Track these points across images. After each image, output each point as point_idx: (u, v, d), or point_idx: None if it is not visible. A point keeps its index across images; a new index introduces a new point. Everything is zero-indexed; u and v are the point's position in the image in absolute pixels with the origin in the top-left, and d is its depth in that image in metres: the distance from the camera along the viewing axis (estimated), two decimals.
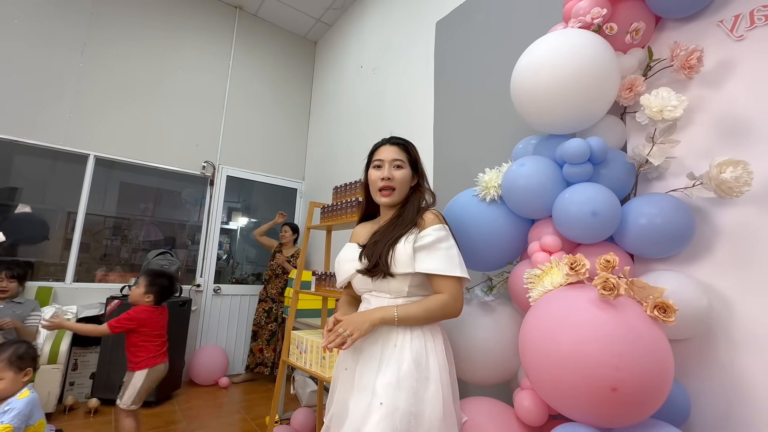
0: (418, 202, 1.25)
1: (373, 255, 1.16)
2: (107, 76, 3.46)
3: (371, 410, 1.02)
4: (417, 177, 1.30)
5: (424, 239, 1.14)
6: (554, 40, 1.27)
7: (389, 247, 1.14)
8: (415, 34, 2.95)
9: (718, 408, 1.10)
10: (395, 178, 1.23)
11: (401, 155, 1.26)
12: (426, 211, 1.22)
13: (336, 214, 2.13)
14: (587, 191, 1.17)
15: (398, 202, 1.26)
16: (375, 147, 1.31)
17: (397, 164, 1.24)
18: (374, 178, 1.25)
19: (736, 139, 1.17)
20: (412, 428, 1.00)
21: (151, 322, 2.06)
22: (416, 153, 1.31)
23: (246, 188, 4.58)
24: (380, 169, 1.25)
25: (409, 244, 1.13)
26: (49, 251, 3.34)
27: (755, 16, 1.17)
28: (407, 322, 1.11)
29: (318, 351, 1.88)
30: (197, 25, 3.99)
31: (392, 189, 1.23)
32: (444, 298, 1.13)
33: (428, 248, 1.13)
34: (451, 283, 1.14)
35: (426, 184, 1.31)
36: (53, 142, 3.18)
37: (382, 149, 1.28)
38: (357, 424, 1.02)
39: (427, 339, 1.12)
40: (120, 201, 3.77)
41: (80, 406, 2.77)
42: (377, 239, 1.19)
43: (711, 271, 1.16)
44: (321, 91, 4.45)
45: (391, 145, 1.27)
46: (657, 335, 0.91)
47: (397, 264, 1.12)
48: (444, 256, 1.13)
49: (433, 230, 1.15)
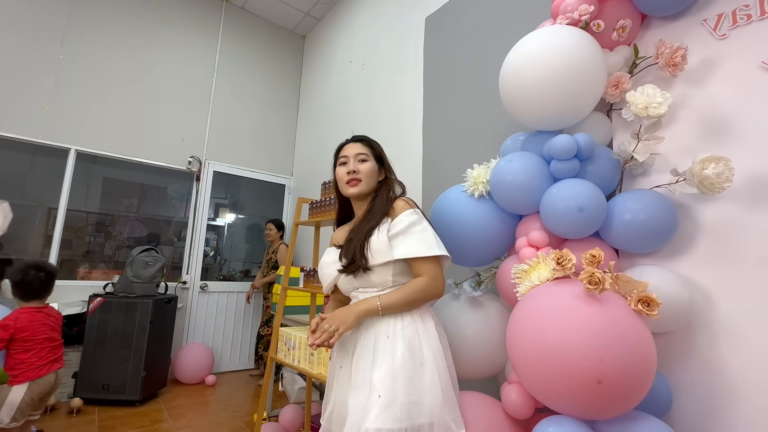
0: (387, 193, 1.26)
1: (348, 252, 1.16)
2: (89, 68, 3.36)
3: (370, 404, 1.01)
4: (384, 171, 1.32)
5: (397, 226, 1.15)
6: (542, 37, 1.27)
7: (364, 240, 1.15)
8: (404, 30, 2.93)
9: (698, 399, 1.12)
10: (360, 171, 1.25)
11: (364, 149, 1.29)
12: (395, 199, 1.23)
13: (324, 209, 2.11)
14: (574, 187, 1.18)
15: (366, 193, 1.27)
16: (339, 147, 1.35)
17: (361, 158, 1.27)
18: (341, 174, 1.28)
19: (718, 136, 1.19)
20: (413, 416, 1.00)
21: (31, 326, 1.82)
22: (380, 148, 1.34)
23: (233, 184, 4.53)
24: (346, 165, 1.28)
25: (383, 233, 1.14)
26: (29, 248, 3.25)
27: (737, 16, 1.19)
28: (391, 310, 1.12)
29: (306, 348, 1.87)
30: (183, 17, 3.90)
31: (359, 180, 1.25)
32: (423, 281, 1.14)
33: (402, 233, 1.14)
34: (430, 265, 1.15)
35: (393, 176, 1.33)
36: (32, 135, 3.09)
37: (345, 147, 1.32)
38: (358, 420, 1.01)
39: (418, 326, 1.13)
40: (103, 197, 3.68)
41: (62, 406, 2.71)
42: (352, 236, 1.20)
43: (693, 265, 1.18)
44: (310, 86, 4.41)
45: (354, 142, 1.31)
46: (641, 329, 0.93)
47: (375, 255, 1.12)
48: (419, 239, 1.14)
49: (405, 215, 1.17)
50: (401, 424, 0.98)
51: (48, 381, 1.85)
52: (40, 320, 1.86)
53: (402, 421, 0.99)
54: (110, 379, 2.75)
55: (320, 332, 1.06)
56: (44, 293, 1.93)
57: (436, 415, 1.02)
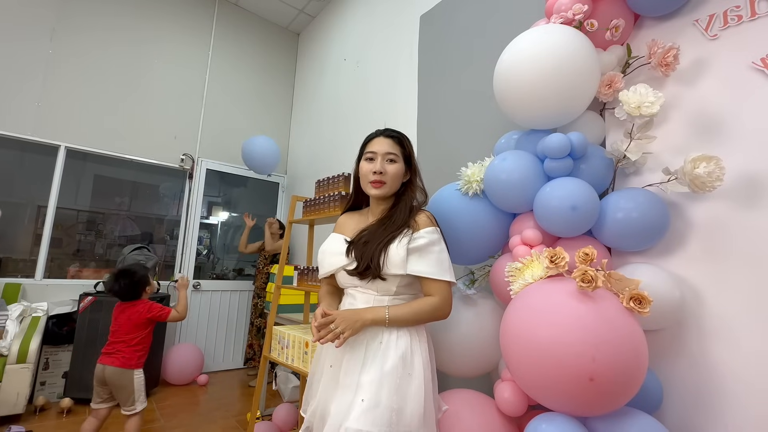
0: (409, 201, 1.22)
1: (363, 256, 1.13)
2: (79, 64, 3.31)
3: (353, 406, 1.02)
4: (410, 172, 1.26)
5: (418, 241, 1.12)
6: (536, 36, 1.28)
7: (381, 249, 1.12)
8: (399, 28, 2.93)
9: (688, 395, 1.14)
10: (387, 173, 1.18)
11: (395, 149, 1.21)
12: (419, 211, 1.20)
13: (318, 208, 2.10)
14: (567, 186, 1.18)
15: (388, 195, 1.23)
16: (368, 138, 1.26)
17: (390, 158, 1.20)
18: (366, 170, 1.20)
19: (709, 135, 1.20)
20: (393, 423, 1.00)
21: (115, 320, 2.02)
22: (411, 147, 1.26)
23: (226, 182, 4.49)
24: (372, 162, 1.20)
25: (402, 246, 1.11)
26: (18, 246, 3.20)
27: (728, 16, 1.21)
28: (397, 324, 1.11)
29: (300, 346, 1.87)
30: (175, 13, 3.86)
31: (383, 183, 1.19)
32: (435, 301, 1.13)
33: (421, 251, 1.12)
34: (442, 287, 1.14)
35: (419, 182, 1.28)
36: (21, 132, 3.04)
37: (375, 141, 1.23)
38: (339, 419, 1.02)
39: (412, 337, 1.12)
40: (94, 194, 3.64)
41: (52, 407, 2.68)
42: (367, 239, 1.16)
43: (684, 263, 1.19)
44: (303, 83, 4.39)
45: (386, 138, 1.22)
46: (632, 326, 0.94)
47: (390, 266, 1.11)
48: (436, 259, 1.13)
49: (427, 233, 1.14)
50: (380, 429, 0.98)
51: (96, 370, 1.91)
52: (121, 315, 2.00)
53: (381, 426, 0.98)
54: None
55: (326, 331, 1.06)
56: (130, 297, 2.03)
57: (414, 425, 1.02)
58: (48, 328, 2.77)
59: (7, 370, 2.41)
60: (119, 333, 1.95)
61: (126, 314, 1.97)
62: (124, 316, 1.97)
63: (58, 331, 2.83)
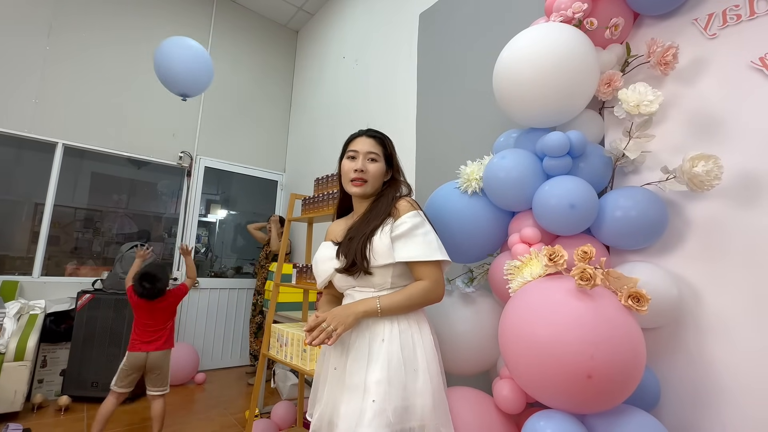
0: (391, 194, 1.23)
1: (349, 252, 1.14)
2: (76, 61, 3.29)
3: (364, 408, 1.01)
4: (391, 171, 1.28)
5: (400, 228, 1.13)
6: (536, 34, 1.28)
7: (365, 242, 1.12)
8: (398, 26, 2.92)
9: (686, 393, 1.14)
10: (368, 171, 1.21)
11: (376, 148, 1.23)
12: (399, 199, 1.21)
13: (317, 205, 2.10)
14: (566, 184, 1.18)
15: (370, 194, 1.25)
16: (350, 138, 1.28)
17: (371, 157, 1.22)
18: (347, 168, 1.22)
19: (707, 134, 1.21)
20: (404, 420, 1.01)
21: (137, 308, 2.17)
22: (392, 147, 1.28)
23: (225, 180, 4.48)
24: (354, 160, 1.22)
25: (385, 235, 1.12)
26: (15, 244, 3.19)
27: (727, 15, 1.21)
28: (390, 312, 1.10)
29: (299, 344, 1.87)
30: (173, 10, 3.84)
31: (364, 181, 1.21)
32: (425, 285, 1.13)
33: (405, 236, 1.12)
34: (431, 269, 1.14)
35: (401, 177, 1.30)
36: (18, 129, 3.02)
37: (357, 140, 1.25)
38: (352, 425, 1.01)
39: (413, 331, 1.12)
40: (92, 192, 3.62)
41: (50, 404, 2.67)
42: (352, 235, 1.17)
43: (682, 262, 1.20)
44: (302, 81, 4.38)
45: (367, 137, 1.25)
46: (630, 324, 0.94)
47: (376, 257, 1.11)
48: (422, 242, 1.12)
49: (408, 217, 1.14)
50: (393, 428, 0.99)
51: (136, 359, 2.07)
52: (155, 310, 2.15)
53: (393, 426, 0.99)
54: (99, 377, 2.71)
55: (318, 331, 1.05)
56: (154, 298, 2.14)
57: (426, 418, 1.03)
58: (46, 325, 2.77)
59: (4, 368, 2.40)
60: (158, 323, 2.15)
61: (159, 308, 2.16)
62: (159, 310, 2.16)
63: (56, 328, 2.82)
